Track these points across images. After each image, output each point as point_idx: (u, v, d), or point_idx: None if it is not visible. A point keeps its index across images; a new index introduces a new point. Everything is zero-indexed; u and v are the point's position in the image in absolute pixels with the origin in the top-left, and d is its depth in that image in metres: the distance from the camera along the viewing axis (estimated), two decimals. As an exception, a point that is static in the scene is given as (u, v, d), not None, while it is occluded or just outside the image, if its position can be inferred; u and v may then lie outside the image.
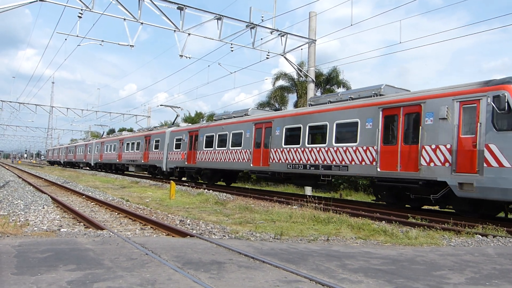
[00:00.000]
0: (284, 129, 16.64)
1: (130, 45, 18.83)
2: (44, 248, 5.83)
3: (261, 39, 20.88)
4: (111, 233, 7.39)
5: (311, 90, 22.15)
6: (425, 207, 13.58)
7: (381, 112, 12.69)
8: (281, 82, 36.65)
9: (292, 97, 37.48)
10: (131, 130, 54.05)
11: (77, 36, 18.44)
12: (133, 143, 33.40)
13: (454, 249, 7.27)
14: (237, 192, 18.22)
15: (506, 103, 9.61)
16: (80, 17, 16.97)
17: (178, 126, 28.94)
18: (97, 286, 4.11)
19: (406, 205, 13.29)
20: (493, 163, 9.78)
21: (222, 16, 18.64)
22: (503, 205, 10.98)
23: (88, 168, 48.55)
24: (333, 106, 14.95)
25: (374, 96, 13.82)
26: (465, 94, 10.68)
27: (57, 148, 74.44)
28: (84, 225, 9.00)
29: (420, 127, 11.44)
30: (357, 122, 13.41)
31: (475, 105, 10.39)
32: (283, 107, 36.10)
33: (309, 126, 15.41)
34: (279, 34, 20.65)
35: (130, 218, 10.07)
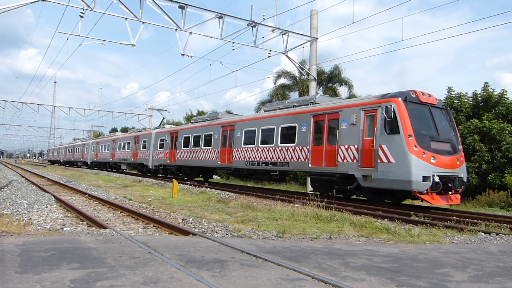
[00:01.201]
0: (243, 131, 19.14)
1: (132, 44, 18.84)
2: (47, 247, 5.85)
3: (263, 37, 20.89)
4: (114, 232, 7.41)
5: (313, 88, 22.12)
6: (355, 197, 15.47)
7: (312, 118, 15.14)
8: (282, 81, 36.61)
9: (294, 95, 37.44)
10: (127, 130, 55.67)
11: (79, 35, 18.47)
12: (124, 143, 36.04)
13: (456, 246, 7.26)
14: (239, 190, 18.25)
15: (393, 112, 12.04)
16: (81, 16, 16.99)
17: (164, 127, 31.62)
18: (100, 285, 4.13)
19: (336, 195, 15.16)
20: (384, 159, 12.12)
21: (224, 14, 18.62)
22: (406, 194, 13.04)
23: (85, 166, 50.60)
24: (279, 112, 17.51)
25: (310, 104, 16.22)
26: (368, 105, 13.09)
27: (57, 148, 76.97)
28: (87, 224, 9.03)
29: (338, 130, 13.84)
30: (295, 126, 15.91)
31: (374, 113, 12.78)
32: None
33: (262, 129, 17.98)
34: (280, 33, 20.62)
35: (132, 217, 10.09)
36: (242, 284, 4.36)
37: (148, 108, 44.43)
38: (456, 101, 20.92)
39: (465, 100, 20.89)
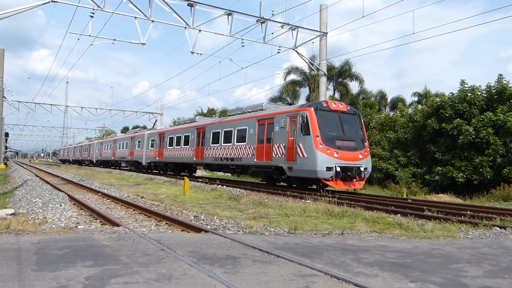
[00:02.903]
0: (211, 133, 22.63)
1: (142, 43, 18.95)
2: (62, 245, 5.94)
3: (272, 33, 20.88)
4: (127, 230, 7.48)
5: (323, 84, 21.99)
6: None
7: (257, 122, 18.53)
8: (292, 77, 36.44)
9: (304, 91, 37.22)
10: (127, 129, 60.17)
11: (90, 35, 18.66)
12: (123, 143, 39.76)
13: (471, 241, 7.17)
14: (250, 187, 18.27)
15: (306, 118, 15.40)
16: (92, 16, 17.12)
17: (155, 129, 35.83)
18: (114, 282, 4.18)
19: (277, 184, 19.25)
20: (300, 154, 15.38)
21: (233, 11, 18.60)
22: (316, 181, 15.90)
23: (91, 164, 53.98)
24: (236, 117, 20.95)
25: (259, 110, 19.64)
26: (292, 112, 16.45)
27: (67, 148, 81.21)
28: (101, 222, 9.13)
29: (273, 132, 17.23)
30: (246, 129, 19.31)
31: (295, 119, 16.04)
32: (295, 102, 35.90)
33: (224, 131, 21.39)
34: (290, 28, 20.52)
35: (145, 215, 10.18)
36: (254, 281, 4.37)
37: (143, 112, 50.15)
38: (469, 94, 20.58)
39: (479, 93, 20.53)
